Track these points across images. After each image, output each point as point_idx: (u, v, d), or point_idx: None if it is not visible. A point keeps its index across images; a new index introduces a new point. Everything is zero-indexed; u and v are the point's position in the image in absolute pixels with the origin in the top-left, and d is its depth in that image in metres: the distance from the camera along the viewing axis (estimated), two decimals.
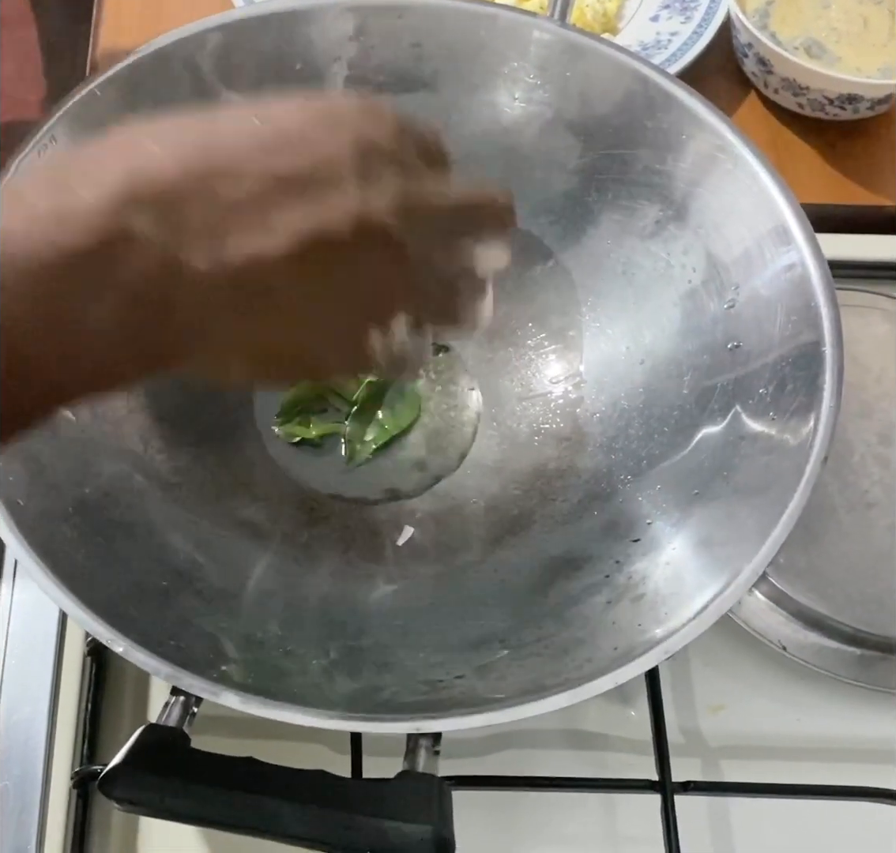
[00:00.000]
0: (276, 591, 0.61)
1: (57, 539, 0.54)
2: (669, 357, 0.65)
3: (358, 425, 0.69)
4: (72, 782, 0.60)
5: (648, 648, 0.51)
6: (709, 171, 0.63)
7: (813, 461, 0.54)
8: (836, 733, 0.67)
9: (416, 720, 0.49)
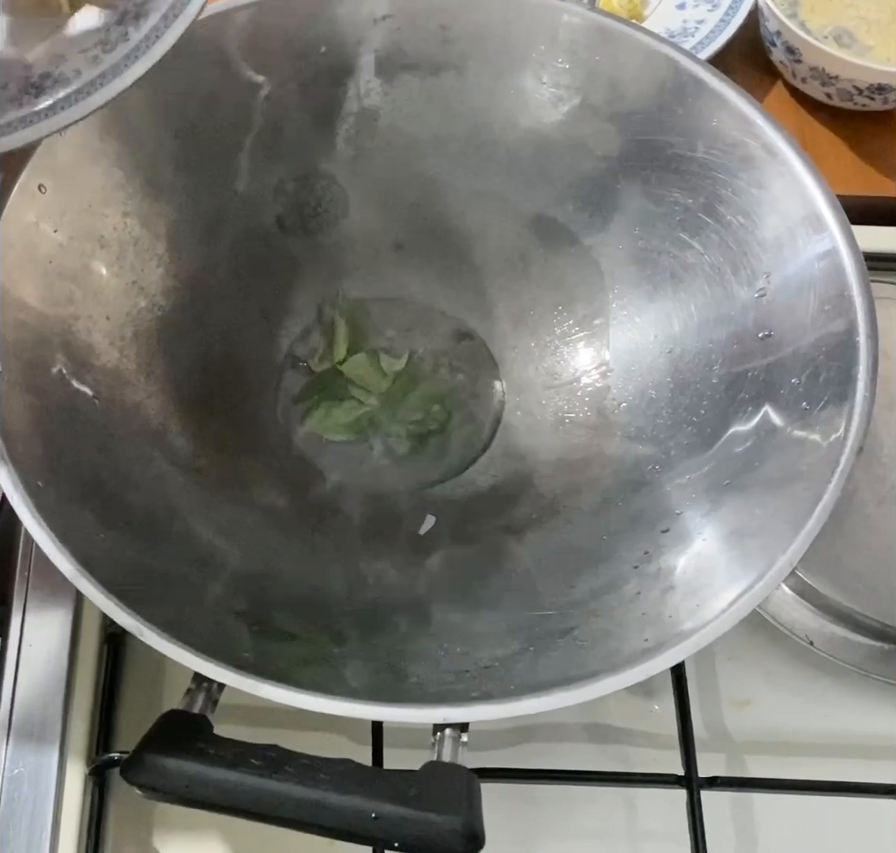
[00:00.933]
0: (296, 579, 0.60)
1: (77, 523, 0.53)
2: (699, 346, 0.64)
3: (387, 420, 0.68)
4: (88, 770, 0.60)
5: (679, 640, 0.49)
6: (740, 158, 0.61)
7: (848, 452, 0.53)
8: (863, 729, 0.66)
9: (444, 708, 0.48)
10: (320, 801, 0.44)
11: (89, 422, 0.58)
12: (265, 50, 0.64)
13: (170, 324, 0.65)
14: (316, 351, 0.70)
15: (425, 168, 0.69)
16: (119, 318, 0.63)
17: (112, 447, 0.59)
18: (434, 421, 0.69)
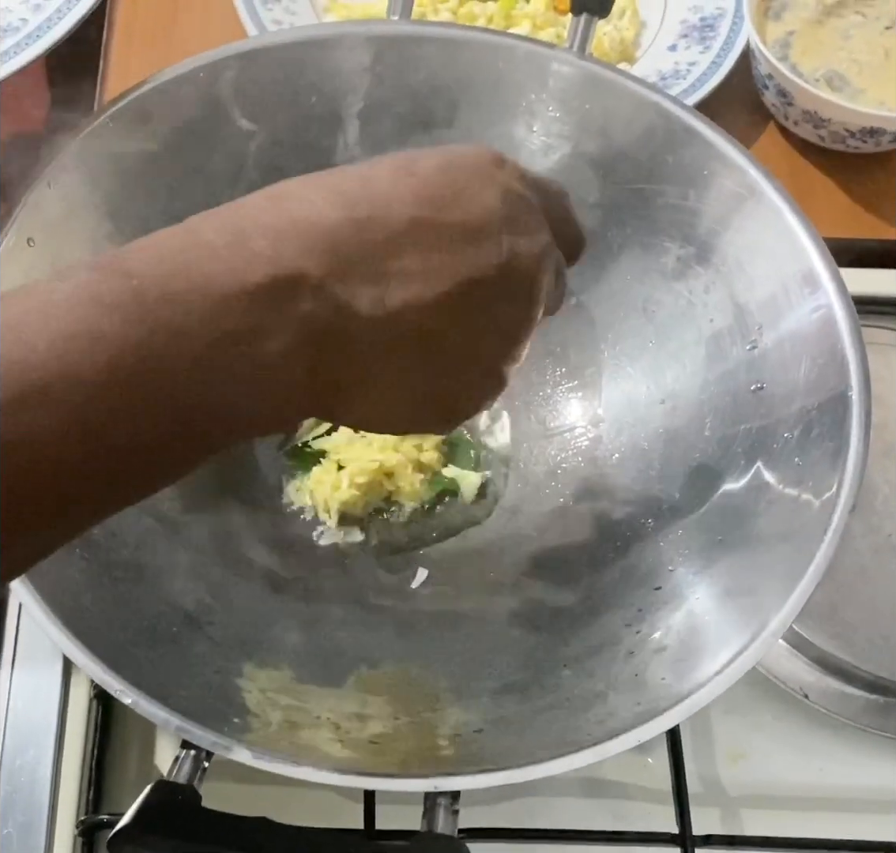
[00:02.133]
0: (287, 637, 0.59)
1: (63, 582, 0.52)
2: (691, 398, 0.63)
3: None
4: (77, 831, 0.59)
5: (672, 704, 0.49)
6: (732, 208, 0.61)
7: (840, 510, 0.52)
8: (860, 783, 0.65)
9: (435, 778, 0.47)
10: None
11: None
12: (257, 99, 0.64)
13: None
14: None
15: None
16: None
17: None
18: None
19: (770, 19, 0.83)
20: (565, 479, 0.67)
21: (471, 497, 0.68)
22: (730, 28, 0.85)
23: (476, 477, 0.68)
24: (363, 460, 0.66)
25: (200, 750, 0.48)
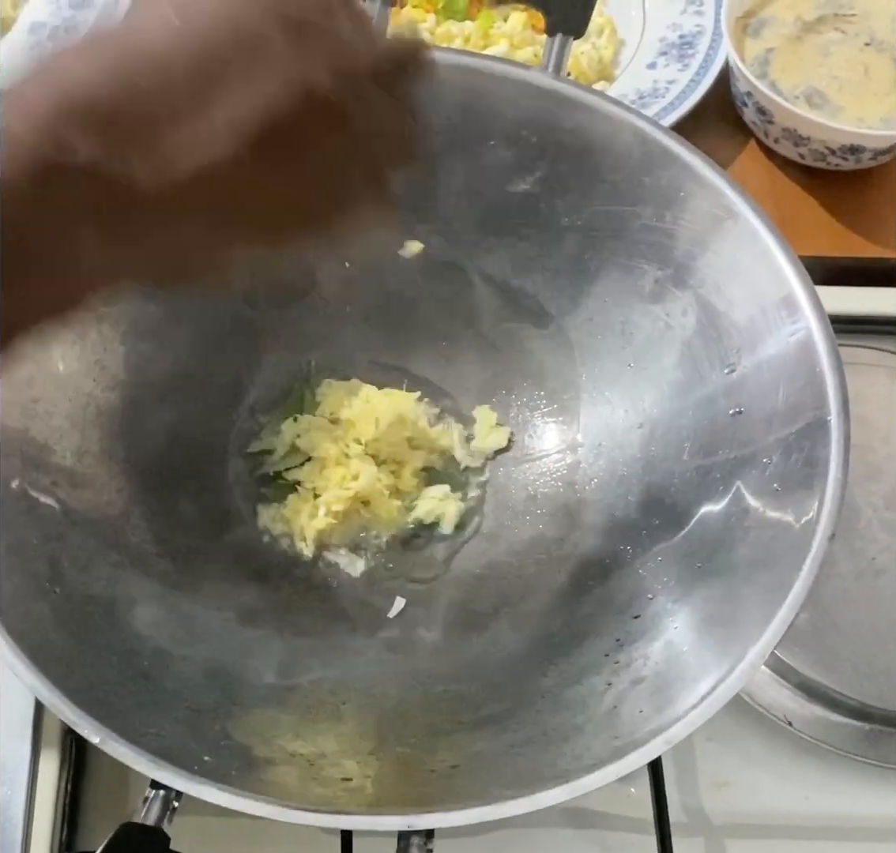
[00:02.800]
0: (262, 671, 0.58)
1: (32, 618, 0.52)
2: (669, 422, 0.63)
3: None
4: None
5: (650, 738, 0.48)
6: (709, 230, 0.61)
7: (819, 538, 0.52)
8: (844, 811, 0.64)
9: (408, 815, 0.46)
10: None
11: (47, 523, 0.57)
12: None
13: (133, 403, 0.64)
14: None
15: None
16: (80, 398, 0.62)
17: (68, 538, 0.58)
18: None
19: (749, 36, 0.83)
20: (544, 505, 0.66)
21: (450, 528, 0.67)
22: (709, 46, 0.85)
23: (455, 506, 0.67)
24: (338, 488, 0.65)
25: (170, 789, 0.47)
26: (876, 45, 0.82)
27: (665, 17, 0.88)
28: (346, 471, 0.66)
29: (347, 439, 0.66)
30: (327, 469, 0.66)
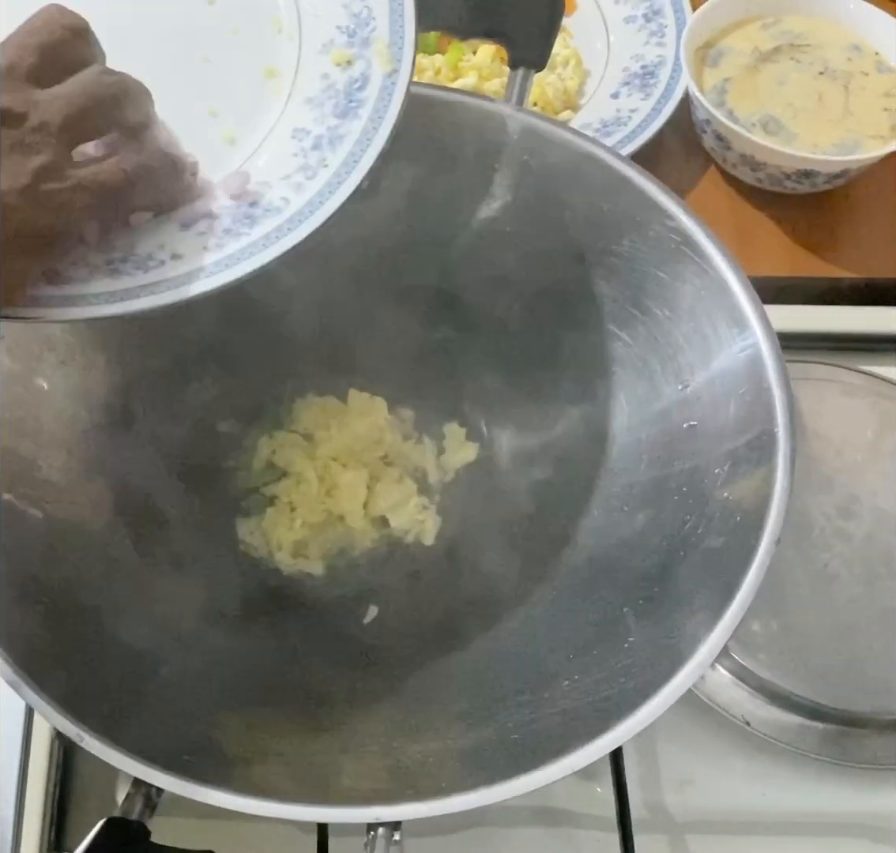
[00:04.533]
0: (240, 674, 0.61)
1: (20, 624, 0.54)
2: (628, 437, 0.66)
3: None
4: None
5: (602, 732, 0.51)
6: (664, 253, 0.63)
7: (765, 544, 0.54)
8: (800, 807, 0.67)
9: (376, 808, 0.49)
10: None
11: (34, 534, 0.59)
12: None
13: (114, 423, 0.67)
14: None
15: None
16: (66, 417, 0.65)
17: (57, 548, 0.60)
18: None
19: (708, 66, 0.86)
20: (509, 516, 0.69)
21: (430, 540, 0.70)
22: (670, 75, 0.88)
23: (432, 519, 0.70)
24: (314, 501, 0.68)
25: (151, 787, 0.49)
26: (829, 74, 0.85)
27: (628, 48, 0.92)
28: (320, 486, 0.69)
29: (322, 455, 0.69)
30: (302, 484, 0.69)
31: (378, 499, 0.70)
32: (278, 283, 0.69)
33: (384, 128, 0.53)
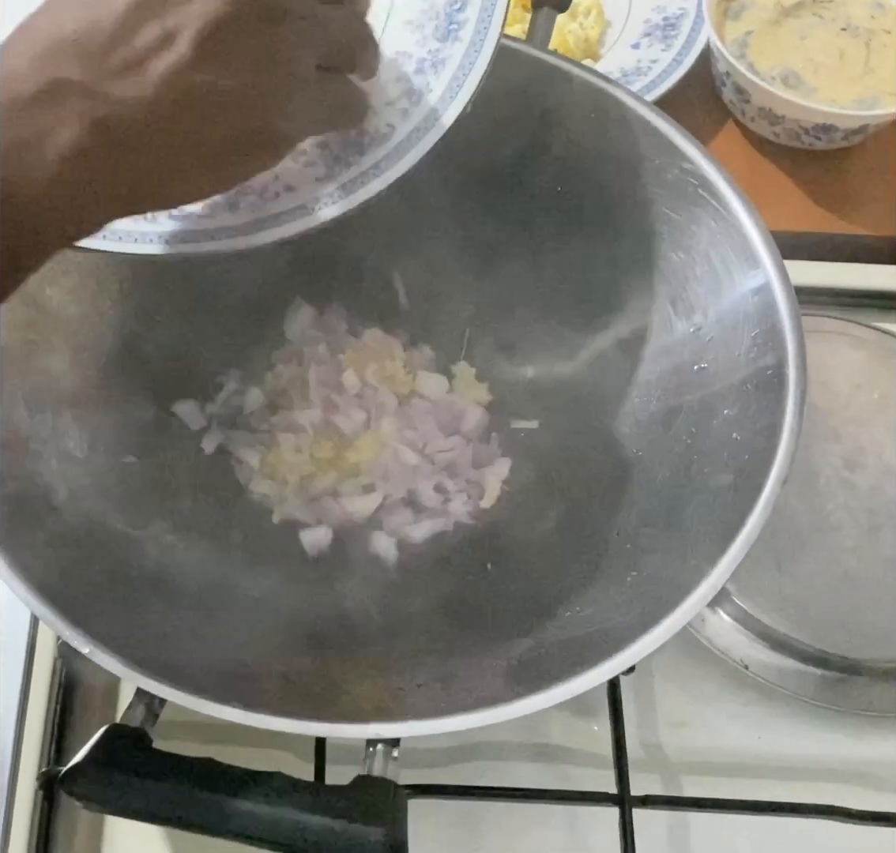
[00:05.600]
0: (245, 592, 0.61)
1: (29, 537, 0.55)
2: (638, 378, 0.66)
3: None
4: (38, 783, 0.61)
5: (603, 660, 0.51)
6: (681, 196, 0.63)
7: (772, 483, 0.54)
8: (794, 752, 0.67)
9: (375, 724, 0.49)
10: (249, 813, 0.45)
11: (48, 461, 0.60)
12: None
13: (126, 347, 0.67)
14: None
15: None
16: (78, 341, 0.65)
17: (68, 476, 0.61)
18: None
19: (729, 19, 0.86)
20: (520, 457, 0.70)
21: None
22: (691, 27, 0.88)
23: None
24: (322, 437, 0.69)
25: (153, 697, 0.50)
26: (851, 31, 0.85)
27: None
28: (331, 418, 0.69)
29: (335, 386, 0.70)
30: (312, 417, 0.70)
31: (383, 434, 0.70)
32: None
33: (486, 50, 0.52)
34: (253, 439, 0.70)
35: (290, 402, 0.71)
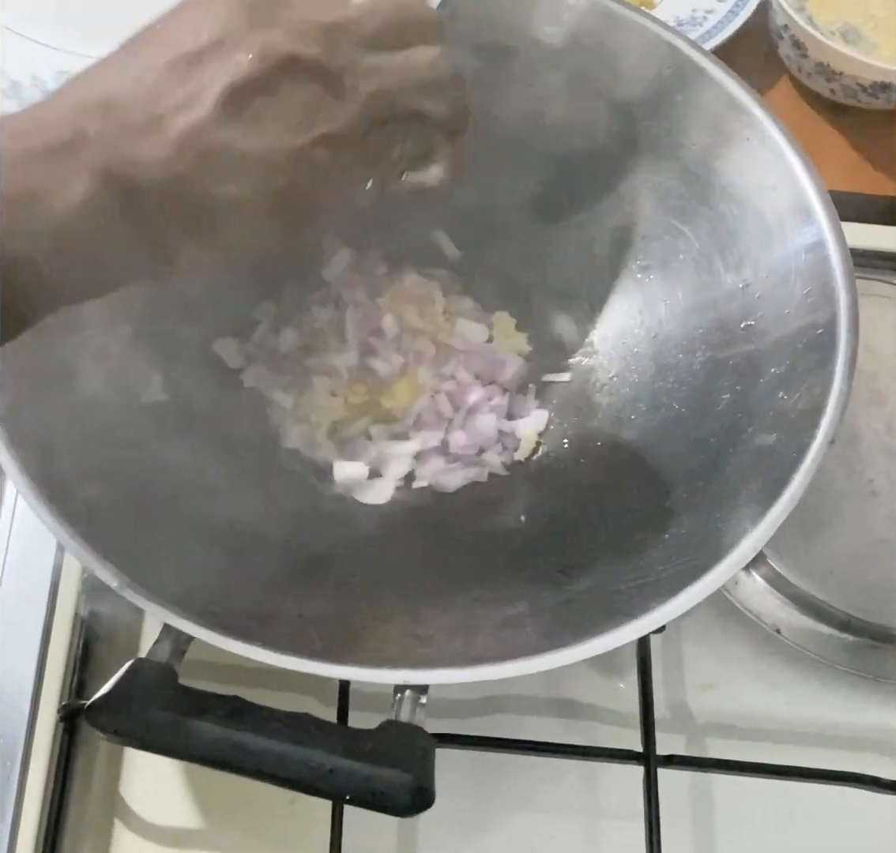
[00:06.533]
0: (273, 528, 0.61)
1: (60, 469, 0.54)
2: (683, 332, 0.65)
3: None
4: (58, 715, 0.61)
5: (636, 617, 0.50)
6: (736, 148, 0.62)
7: (818, 442, 0.53)
8: (822, 718, 0.67)
9: (404, 671, 0.49)
10: (275, 752, 0.45)
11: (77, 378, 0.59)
12: None
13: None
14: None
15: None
16: None
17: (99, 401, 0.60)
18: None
19: None
20: (558, 407, 0.69)
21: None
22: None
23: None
24: (358, 381, 0.68)
25: (180, 634, 0.49)
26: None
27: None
28: (368, 362, 0.68)
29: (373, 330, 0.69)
30: (347, 361, 0.69)
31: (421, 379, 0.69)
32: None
33: None
34: (287, 382, 0.69)
35: (325, 345, 0.70)
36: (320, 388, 0.69)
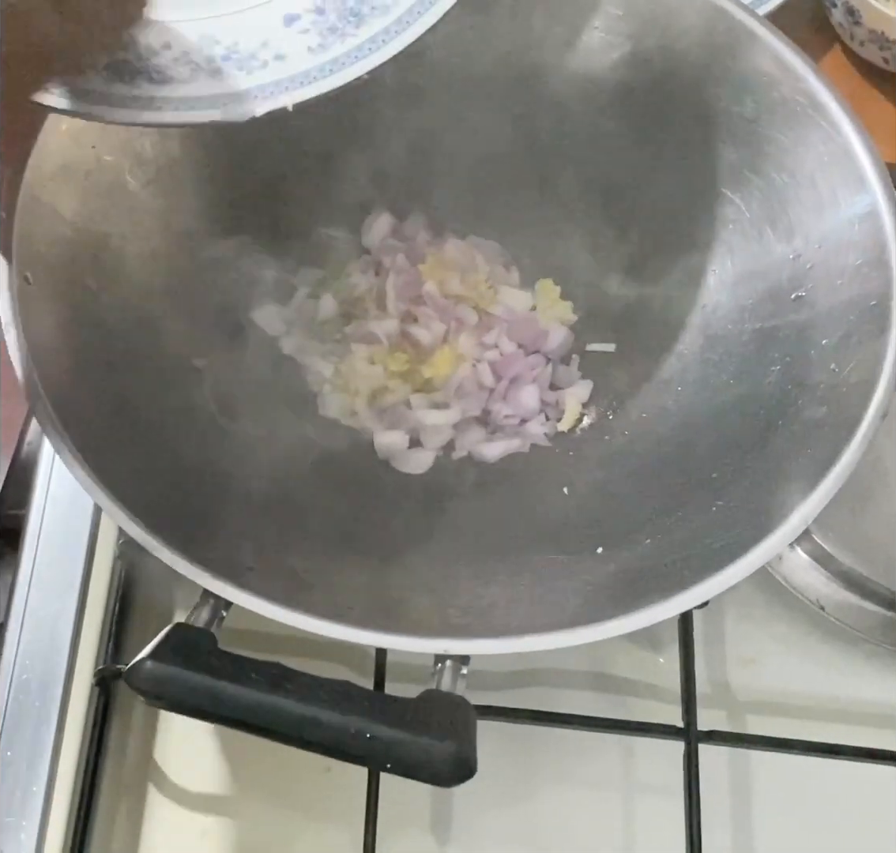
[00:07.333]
0: (312, 507, 0.60)
1: (97, 435, 0.53)
2: (732, 303, 0.64)
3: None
4: (94, 679, 0.61)
5: (681, 591, 0.49)
6: (789, 116, 0.61)
7: (870, 415, 0.52)
8: (865, 696, 0.66)
9: (446, 640, 0.48)
10: (317, 719, 0.44)
11: (116, 337, 0.58)
12: None
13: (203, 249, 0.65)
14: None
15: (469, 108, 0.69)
16: (152, 238, 0.63)
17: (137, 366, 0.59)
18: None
19: None
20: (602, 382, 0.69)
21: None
22: None
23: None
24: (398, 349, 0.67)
25: (219, 599, 0.49)
26: None
27: None
28: (409, 329, 0.68)
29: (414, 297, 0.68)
30: (388, 328, 0.68)
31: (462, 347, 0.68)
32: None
33: None
34: (325, 349, 0.69)
35: (364, 312, 0.69)
36: (360, 355, 0.68)
